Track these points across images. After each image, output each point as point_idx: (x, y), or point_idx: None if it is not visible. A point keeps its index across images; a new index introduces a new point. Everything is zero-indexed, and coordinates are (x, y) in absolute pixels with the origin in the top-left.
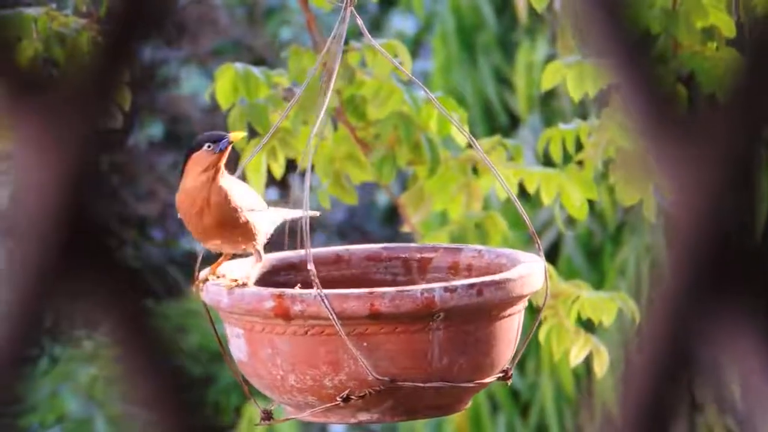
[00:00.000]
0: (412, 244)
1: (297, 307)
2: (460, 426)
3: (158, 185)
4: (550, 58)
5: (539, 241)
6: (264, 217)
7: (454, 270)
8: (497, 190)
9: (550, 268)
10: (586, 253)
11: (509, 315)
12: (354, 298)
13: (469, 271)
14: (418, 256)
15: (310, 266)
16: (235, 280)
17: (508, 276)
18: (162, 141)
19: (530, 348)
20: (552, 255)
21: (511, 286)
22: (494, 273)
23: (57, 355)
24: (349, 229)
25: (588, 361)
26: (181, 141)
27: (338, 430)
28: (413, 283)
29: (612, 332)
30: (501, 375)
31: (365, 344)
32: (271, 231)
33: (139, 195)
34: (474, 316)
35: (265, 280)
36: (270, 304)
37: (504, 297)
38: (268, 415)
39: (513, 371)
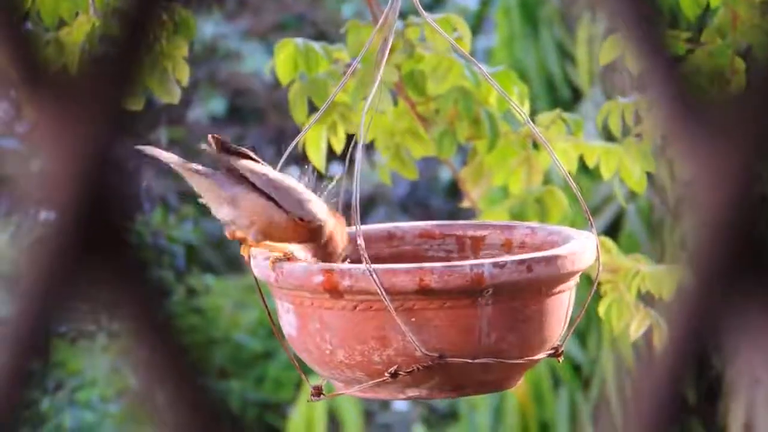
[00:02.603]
0: (465, 222)
1: (346, 282)
2: (522, 400)
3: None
4: (610, 31)
5: (592, 219)
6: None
7: (508, 247)
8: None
9: (611, 242)
10: (648, 226)
11: (559, 292)
12: (403, 273)
13: (523, 248)
14: (471, 233)
15: (360, 241)
16: (277, 258)
17: (558, 252)
18: (224, 116)
19: (591, 323)
20: (614, 229)
21: (561, 263)
22: (548, 250)
23: (116, 330)
24: (412, 203)
25: (648, 335)
26: (244, 116)
27: (401, 406)
28: (466, 260)
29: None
30: (551, 352)
31: (413, 319)
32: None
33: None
34: (523, 292)
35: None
36: (319, 278)
37: (554, 273)
38: (318, 391)
39: (575, 346)
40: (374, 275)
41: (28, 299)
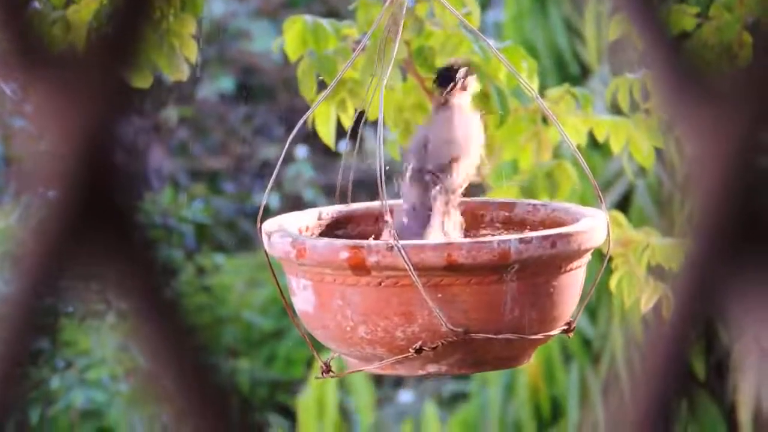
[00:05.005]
0: (464, 199)
1: (372, 258)
2: (533, 376)
3: (230, 139)
4: (616, 10)
5: (601, 194)
6: None
7: (508, 224)
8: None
9: (622, 216)
10: (657, 202)
11: (575, 268)
12: (431, 249)
13: (523, 226)
14: (470, 211)
15: (387, 217)
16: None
17: (578, 228)
18: (233, 94)
19: (601, 298)
20: (623, 204)
21: (582, 239)
22: (551, 227)
23: (124, 309)
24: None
25: (657, 308)
26: (253, 94)
27: (413, 384)
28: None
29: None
30: (565, 328)
31: (439, 295)
32: None
33: (211, 148)
34: (545, 268)
35: (326, 234)
36: (344, 255)
37: (573, 249)
38: (327, 368)
39: (585, 321)
40: (402, 251)
41: (34, 278)
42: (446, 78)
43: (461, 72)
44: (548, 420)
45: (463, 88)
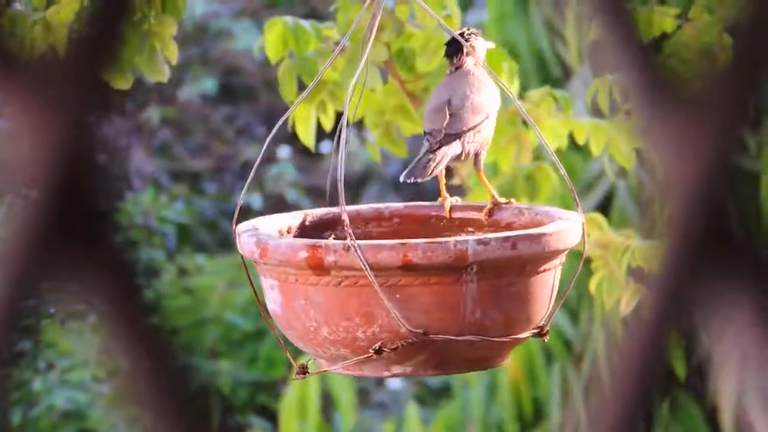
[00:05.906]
0: (458, 203)
1: (330, 258)
2: (514, 377)
3: (212, 139)
4: (592, 15)
5: (578, 198)
6: None
7: (494, 228)
8: (549, 142)
9: (602, 218)
10: (638, 203)
11: (545, 270)
12: (387, 249)
13: (509, 229)
14: (459, 214)
15: (344, 217)
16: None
17: (543, 230)
18: (216, 95)
19: (582, 299)
20: (605, 205)
21: (546, 241)
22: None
23: (105, 310)
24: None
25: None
26: (235, 94)
27: (395, 384)
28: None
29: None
30: (537, 331)
31: (398, 296)
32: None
33: (192, 149)
34: (508, 269)
35: (309, 236)
36: (303, 254)
37: (539, 251)
38: (303, 369)
39: (566, 322)
40: (358, 251)
41: (16, 279)
42: (454, 45)
43: (466, 35)
44: (530, 421)
45: (472, 50)
